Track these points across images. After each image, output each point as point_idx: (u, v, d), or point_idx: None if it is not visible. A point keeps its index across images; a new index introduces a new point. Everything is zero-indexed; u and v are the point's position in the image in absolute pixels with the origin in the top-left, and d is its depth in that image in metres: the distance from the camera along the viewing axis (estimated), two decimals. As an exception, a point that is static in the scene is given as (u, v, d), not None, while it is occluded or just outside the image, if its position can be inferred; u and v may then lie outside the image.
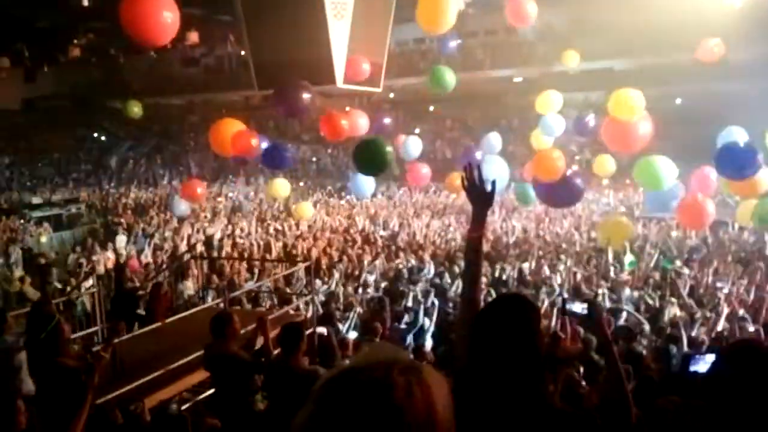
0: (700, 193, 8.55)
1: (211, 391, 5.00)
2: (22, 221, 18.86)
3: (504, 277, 10.13)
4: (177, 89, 34.66)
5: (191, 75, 34.66)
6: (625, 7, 21.04)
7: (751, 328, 7.07)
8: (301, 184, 27.02)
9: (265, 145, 9.97)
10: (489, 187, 2.42)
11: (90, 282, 9.88)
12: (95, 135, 37.47)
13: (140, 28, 5.75)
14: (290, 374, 4.14)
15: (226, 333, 4.60)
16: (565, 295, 8.39)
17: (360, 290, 9.71)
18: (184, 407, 4.95)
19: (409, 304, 8.41)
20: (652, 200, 15.44)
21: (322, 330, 6.83)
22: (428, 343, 7.43)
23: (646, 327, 7.27)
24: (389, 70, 11.38)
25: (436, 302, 8.29)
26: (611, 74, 21.59)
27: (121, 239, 14.99)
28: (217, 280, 10.19)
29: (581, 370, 5.40)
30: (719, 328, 7.18)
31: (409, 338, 7.51)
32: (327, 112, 9.78)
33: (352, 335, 7.38)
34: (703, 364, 3.53)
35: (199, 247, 13.64)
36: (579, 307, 2.51)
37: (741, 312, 7.55)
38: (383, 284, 10.09)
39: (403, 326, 7.75)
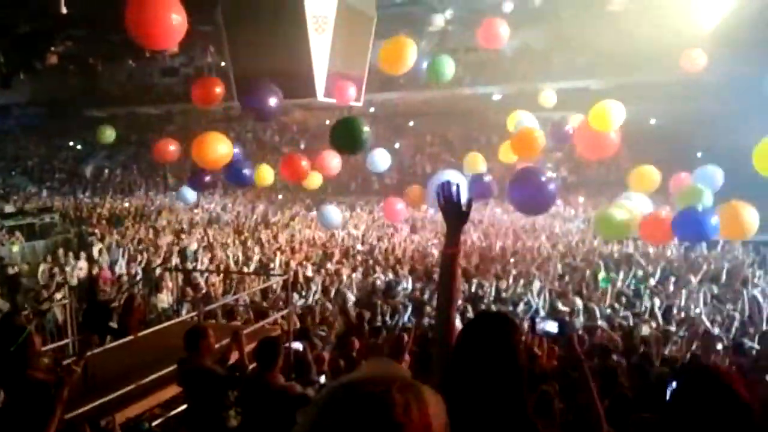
0: (665, 210, 8.52)
1: (184, 406, 4.93)
2: (-7, 230, 18.50)
3: (480, 293, 10.16)
4: (155, 99, 34.43)
5: (170, 85, 34.45)
6: (602, 27, 21.43)
7: (720, 347, 7.18)
8: (280, 197, 26.90)
9: (236, 150, 9.95)
10: (465, 205, 2.43)
11: (61, 293, 9.71)
12: (71, 143, 37.00)
13: (146, 31, 5.53)
14: (266, 390, 4.09)
15: (201, 347, 4.53)
16: (542, 313, 8.45)
17: (336, 304, 9.65)
18: (156, 423, 4.87)
19: (387, 319, 8.39)
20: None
21: (297, 345, 6.78)
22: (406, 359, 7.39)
23: (620, 344, 7.34)
24: (370, 84, 11.40)
25: (413, 319, 8.28)
26: (587, 93, 21.91)
27: (96, 250, 14.79)
28: (192, 292, 10.07)
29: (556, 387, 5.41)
30: (693, 347, 7.27)
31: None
32: (288, 155, 9.83)
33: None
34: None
35: (174, 259, 13.50)
36: (551, 326, 2.53)
37: (716, 330, 7.64)
38: (358, 299, 10.05)
39: (380, 341, 7.72)
